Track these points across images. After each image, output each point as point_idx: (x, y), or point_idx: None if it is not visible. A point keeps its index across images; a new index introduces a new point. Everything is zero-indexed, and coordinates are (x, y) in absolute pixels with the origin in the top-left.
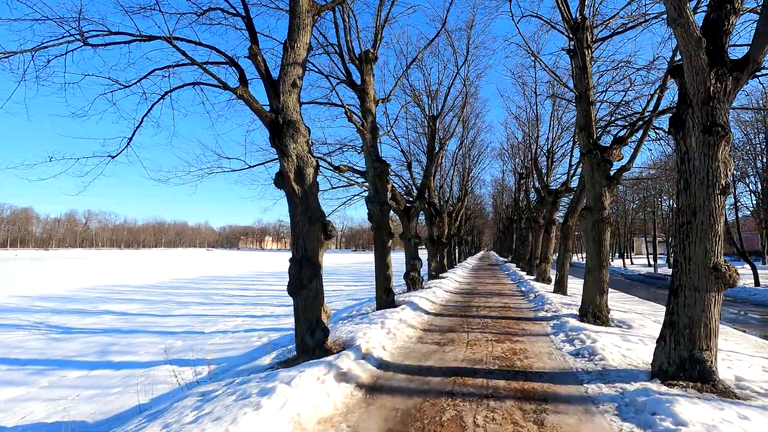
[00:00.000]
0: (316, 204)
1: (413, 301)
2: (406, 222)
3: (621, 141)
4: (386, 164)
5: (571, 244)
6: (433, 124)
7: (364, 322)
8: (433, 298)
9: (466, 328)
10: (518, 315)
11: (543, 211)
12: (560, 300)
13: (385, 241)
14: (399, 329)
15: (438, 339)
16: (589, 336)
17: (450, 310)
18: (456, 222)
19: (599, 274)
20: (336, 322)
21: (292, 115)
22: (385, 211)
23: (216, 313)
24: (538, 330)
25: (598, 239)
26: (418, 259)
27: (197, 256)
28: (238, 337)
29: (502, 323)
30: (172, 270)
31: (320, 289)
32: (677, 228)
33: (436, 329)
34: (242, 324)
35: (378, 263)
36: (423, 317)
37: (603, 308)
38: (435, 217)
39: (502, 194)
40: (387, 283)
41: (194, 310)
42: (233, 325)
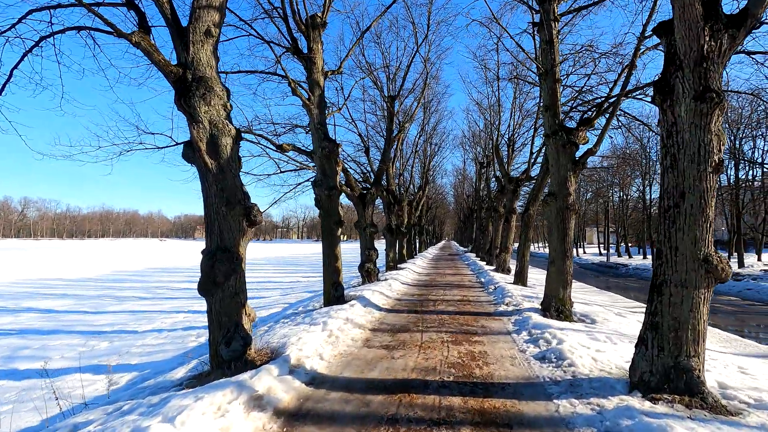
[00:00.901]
0: (237, 184)
1: (365, 296)
2: (361, 210)
3: (587, 123)
4: (335, 143)
5: (532, 233)
6: (392, 104)
7: (305, 322)
8: (388, 292)
9: (421, 327)
10: (477, 309)
11: (503, 200)
12: (521, 292)
13: (333, 229)
14: (344, 330)
15: (388, 341)
16: (554, 335)
17: (405, 305)
18: (416, 211)
19: (563, 265)
20: (278, 321)
21: (204, 71)
22: (333, 196)
23: (157, 308)
24: (499, 327)
25: (563, 227)
26: (374, 250)
27: (148, 247)
28: (173, 337)
29: (460, 320)
30: (117, 261)
31: (241, 288)
32: (661, 213)
33: (387, 329)
34: (183, 321)
35: (326, 254)
36: (374, 314)
37: (566, 302)
38: (394, 205)
39: (464, 184)
40: (336, 276)
41: (132, 306)
42: (172, 323)
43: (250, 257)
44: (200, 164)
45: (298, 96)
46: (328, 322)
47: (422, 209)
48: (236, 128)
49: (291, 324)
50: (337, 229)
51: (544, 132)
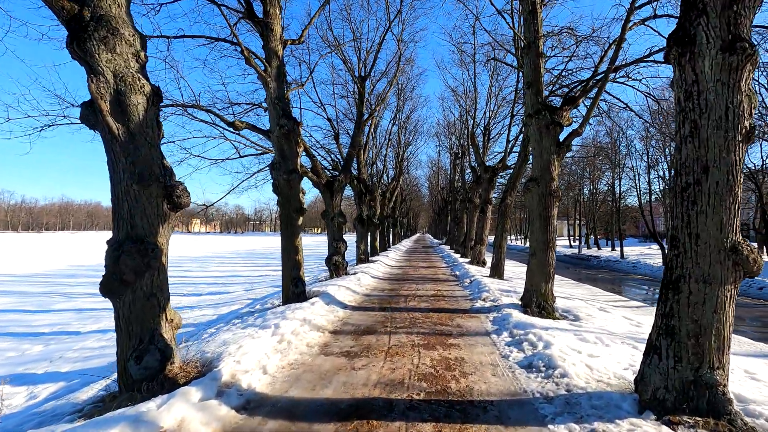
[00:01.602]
0: (154, 155)
1: (329, 292)
2: (328, 198)
3: (572, 102)
4: (295, 121)
5: (509, 224)
6: (362, 85)
7: (255, 324)
8: (356, 287)
9: (390, 328)
10: (453, 306)
11: (479, 190)
12: (498, 286)
13: (293, 218)
14: (298, 334)
15: (350, 346)
16: (540, 337)
17: (374, 302)
18: (390, 202)
19: (545, 257)
20: (229, 321)
21: (108, 8)
22: (293, 181)
23: (108, 305)
24: (477, 327)
25: (545, 216)
26: (343, 242)
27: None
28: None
29: (434, 318)
30: (74, 255)
31: (160, 288)
32: (678, 193)
33: (350, 330)
34: None
35: (285, 246)
36: (338, 313)
37: (549, 297)
38: (365, 195)
39: (438, 175)
40: (296, 270)
41: (81, 304)
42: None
43: (219, 251)
44: (103, 129)
45: (253, 67)
46: (280, 325)
47: (396, 200)
48: (154, 86)
49: (239, 326)
50: (297, 218)
51: (526, 112)
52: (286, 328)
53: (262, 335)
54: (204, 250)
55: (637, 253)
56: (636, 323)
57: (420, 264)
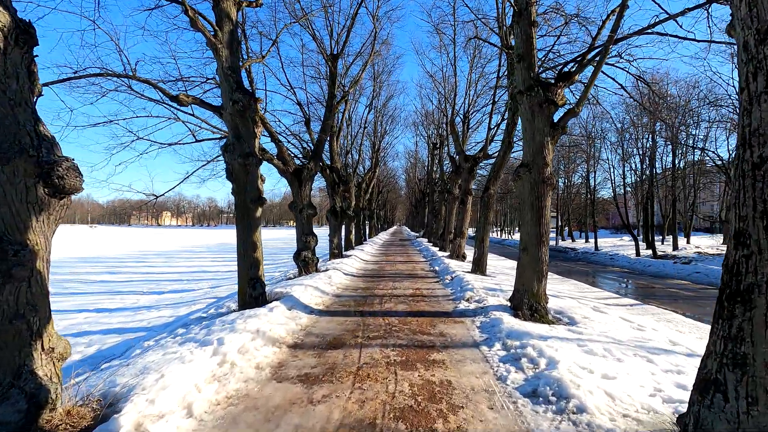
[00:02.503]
0: (21, 117)
1: (293, 294)
2: (297, 188)
3: (567, 78)
4: (252, 96)
5: (492, 216)
6: (334, 65)
7: (195, 338)
8: (326, 286)
9: (361, 338)
10: (434, 308)
11: (458, 180)
12: (482, 284)
13: (250, 209)
14: (247, 352)
15: (310, 367)
16: (540, 350)
17: (345, 304)
18: (366, 194)
19: (538, 253)
20: (172, 332)
21: None
22: (250, 165)
23: (57, 307)
24: (463, 335)
25: (538, 206)
26: (313, 236)
27: (74, 234)
28: None
29: (413, 324)
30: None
31: (33, 306)
32: (746, 172)
33: (313, 343)
34: (82, 323)
35: (241, 241)
36: (301, 320)
37: (542, 298)
38: (338, 185)
39: (416, 166)
40: (253, 270)
41: None
42: (66, 326)
43: (188, 245)
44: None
45: (200, 30)
46: (225, 340)
47: (372, 192)
48: (19, 20)
49: (176, 341)
50: (255, 209)
51: (515, 90)
52: (232, 345)
53: (197, 357)
54: (172, 244)
55: (610, 244)
56: (637, 326)
57: (397, 258)
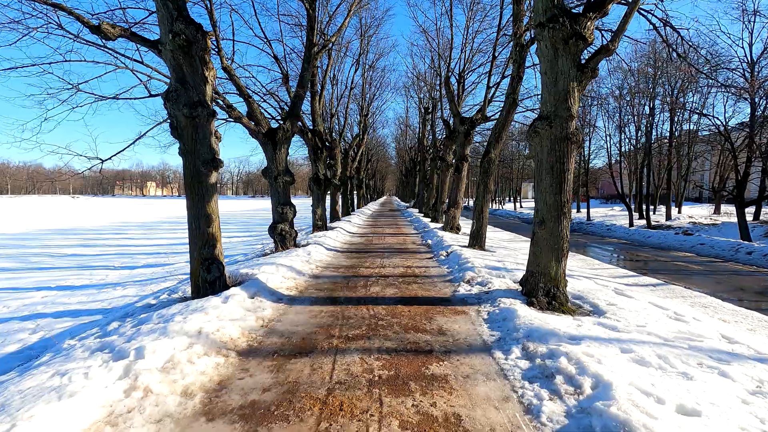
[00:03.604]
0: None
1: (259, 278)
2: (271, 152)
3: (599, 6)
4: (200, 29)
5: (492, 184)
6: (312, 6)
7: (110, 346)
8: (303, 266)
9: (336, 339)
10: (429, 293)
11: (452, 146)
12: (483, 261)
13: (201, 174)
14: (176, 366)
15: (261, 391)
16: (578, 362)
17: (322, 288)
18: (354, 162)
19: (558, 227)
20: (105, 325)
21: None
22: (201, 118)
23: (15, 284)
24: (468, 334)
25: (559, 169)
26: (290, 206)
27: (55, 205)
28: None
29: (404, 315)
30: (3, 222)
31: None
32: None
33: (274, 348)
34: (38, 302)
35: (192, 214)
36: (264, 312)
37: (561, 281)
38: (322, 150)
39: (406, 134)
40: (208, 249)
41: None
42: (18, 306)
43: (171, 216)
44: None
45: None
46: (146, 351)
47: (361, 160)
48: None
49: (92, 346)
50: (208, 174)
51: (535, 22)
52: (154, 359)
53: (93, 382)
54: (155, 215)
55: (601, 214)
56: (675, 315)
57: (386, 231)
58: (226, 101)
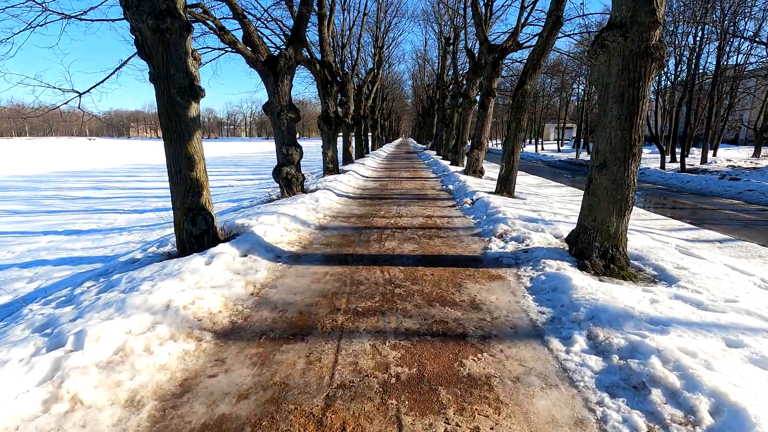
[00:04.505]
0: None
1: (254, 231)
2: (272, 84)
3: None
4: None
5: (526, 120)
6: None
7: (39, 334)
8: (309, 215)
9: (342, 315)
10: (454, 249)
11: (477, 80)
12: (515, 210)
13: (178, 105)
14: (121, 365)
15: (235, 399)
16: (676, 362)
17: (329, 244)
18: (369, 100)
19: (624, 172)
20: (80, 284)
21: None
22: (171, 32)
23: (24, 228)
24: (509, 308)
25: (632, 96)
26: (296, 147)
27: (70, 147)
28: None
29: (427, 283)
30: (19, 164)
31: None
32: None
33: (261, 328)
34: (42, 248)
35: (169, 156)
36: (256, 276)
37: (621, 240)
38: (332, 85)
39: (424, 69)
40: (192, 197)
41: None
42: (22, 251)
43: None
44: None
45: None
46: (86, 338)
47: (376, 97)
48: None
49: (36, 323)
50: (186, 105)
51: None
52: (98, 349)
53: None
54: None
55: None
56: (763, 282)
57: (403, 174)
58: (217, 22)
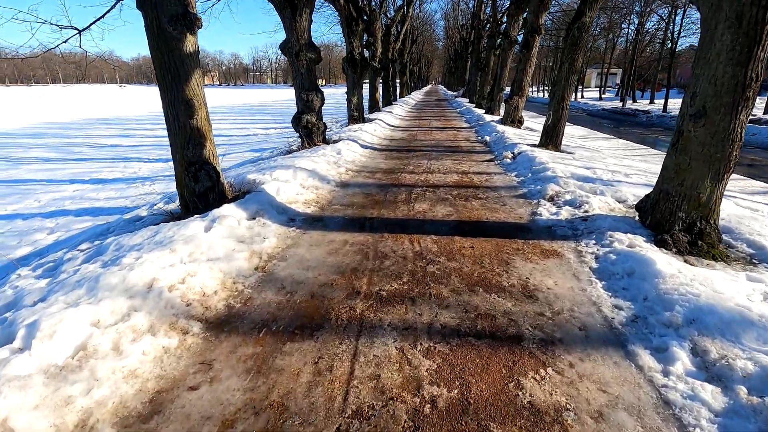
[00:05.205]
0: None
1: (265, 190)
2: (288, 19)
3: None
4: None
5: (581, 60)
6: None
7: None
8: (328, 169)
9: (361, 303)
10: (496, 214)
11: (519, 16)
12: (566, 167)
13: (169, 37)
14: (82, 365)
15: (220, 424)
16: None
17: (350, 205)
18: (397, 42)
19: (729, 123)
20: (76, 246)
21: None
22: None
23: (52, 176)
24: (574, 299)
25: (753, 19)
26: (316, 92)
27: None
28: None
29: (467, 255)
30: (53, 111)
31: None
32: None
33: (262, 316)
34: (67, 197)
35: (165, 100)
36: (263, 245)
37: (715, 210)
38: (357, 22)
39: (458, 8)
40: (194, 149)
41: (24, 172)
42: (48, 200)
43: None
44: None
45: None
46: (38, 333)
47: (405, 39)
48: None
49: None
50: (180, 38)
51: None
52: (50, 348)
53: None
54: None
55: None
56: None
57: (433, 123)
58: None
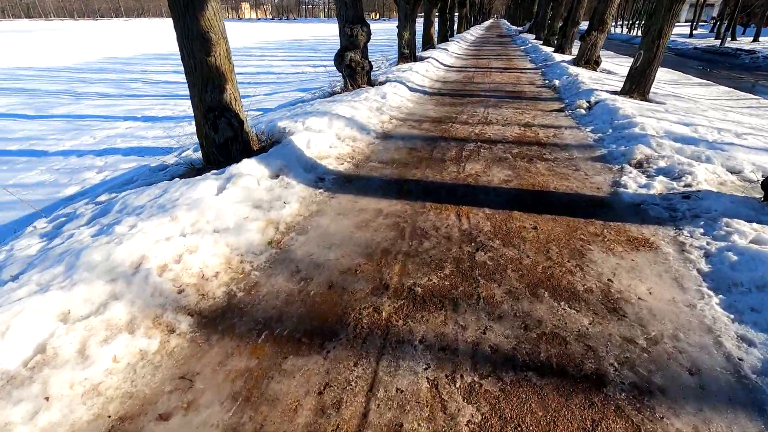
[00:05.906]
0: None
1: (293, 142)
2: None
3: None
4: None
5: None
6: None
7: None
8: (369, 117)
9: (391, 299)
10: (567, 183)
11: None
12: (657, 122)
13: None
14: (33, 378)
15: None
16: None
17: (389, 163)
18: None
19: None
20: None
21: None
22: None
23: (108, 112)
24: (681, 323)
25: None
26: (362, 25)
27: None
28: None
29: (528, 240)
30: (113, 46)
31: None
32: None
33: (267, 312)
34: (117, 135)
35: (179, 36)
36: (281, 213)
37: None
38: None
39: None
40: (213, 92)
41: (85, 108)
42: (102, 137)
43: (263, 40)
44: None
45: None
46: (5, 342)
47: None
48: None
49: None
50: None
51: None
52: (5, 350)
53: None
54: (248, 39)
55: None
56: None
57: (493, 64)
58: None
